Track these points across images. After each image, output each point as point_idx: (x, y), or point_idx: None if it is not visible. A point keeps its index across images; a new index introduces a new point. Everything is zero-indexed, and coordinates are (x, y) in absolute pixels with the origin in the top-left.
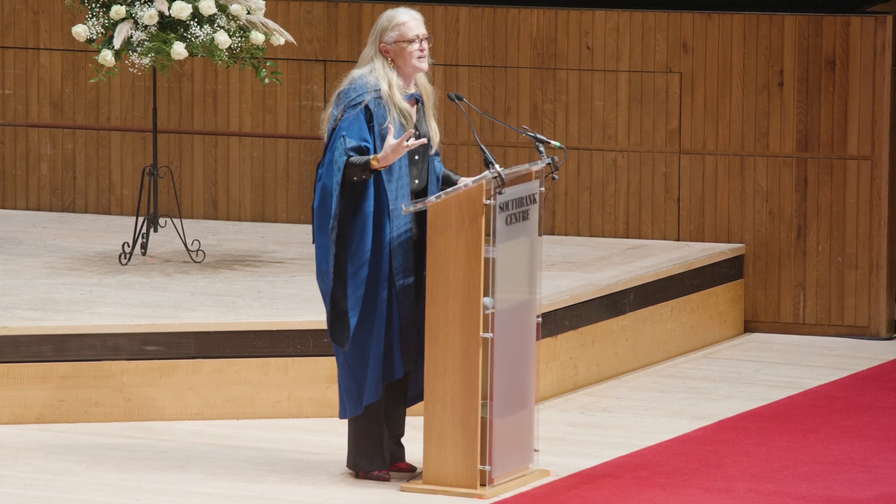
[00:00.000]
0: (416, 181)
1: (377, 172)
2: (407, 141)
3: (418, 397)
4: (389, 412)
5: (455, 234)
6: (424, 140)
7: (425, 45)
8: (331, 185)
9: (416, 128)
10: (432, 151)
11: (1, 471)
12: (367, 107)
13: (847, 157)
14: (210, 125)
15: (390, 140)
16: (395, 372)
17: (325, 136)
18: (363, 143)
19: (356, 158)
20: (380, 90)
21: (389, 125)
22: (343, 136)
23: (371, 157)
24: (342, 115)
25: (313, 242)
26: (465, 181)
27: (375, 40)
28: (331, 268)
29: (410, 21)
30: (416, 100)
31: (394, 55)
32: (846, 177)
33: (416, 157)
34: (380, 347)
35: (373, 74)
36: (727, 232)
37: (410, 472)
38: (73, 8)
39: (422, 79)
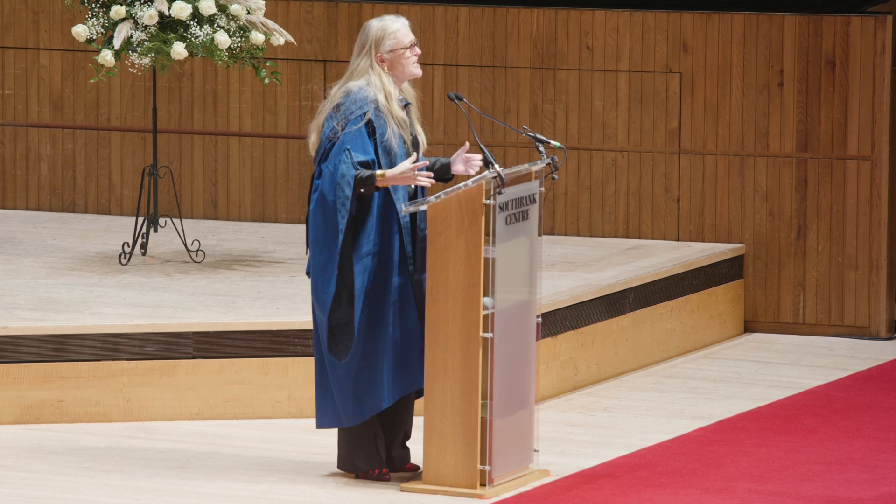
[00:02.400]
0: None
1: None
2: (417, 173)
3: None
4: (397, 413)
5: (455, 234)
6: (431, 177)
7: (417, 50)
8: (334, 199)
9: (410, 134)
10: (422, 154)
11: (1, 471)
12: (369, 120)
13: (847, 157)
14: (210, 125)
15: (405, 164)
16: (417, 381)
17: (316, 146)
18: (369, 158)
19: (362, 173)
20: (378, 102)
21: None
22: (348, 150)
23: (377, 173)
24: (343, 128)
25: (307, 252)
26: (461, 163)
27: (370, 51)
28: (334, 280)
29: (403, 28)
30: (406, 105)
31: (390, 64)
32: (846, 177)
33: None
34: (389, 351)
35: (370, 87)
36: (727, 232)
37: (415, 472)
38: (73, 8)
39: (405, 84)
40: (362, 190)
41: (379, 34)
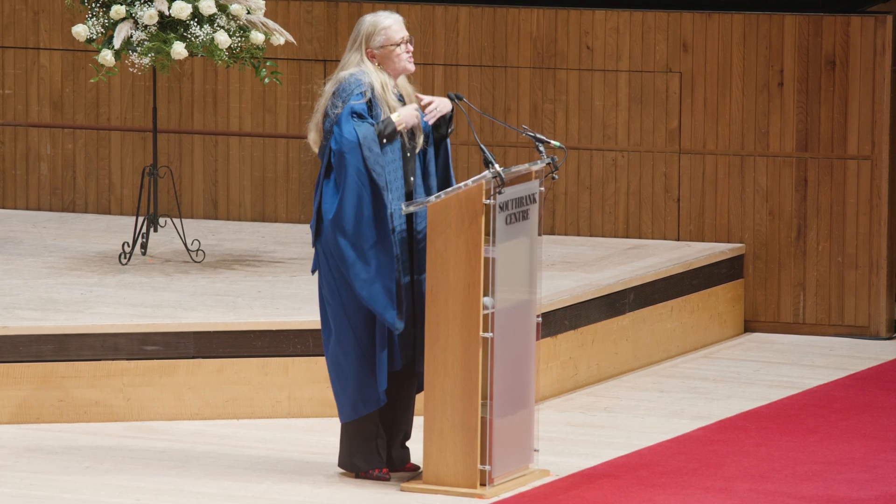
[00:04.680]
0: (412, 178)
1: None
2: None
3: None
4: (397, 413)
5: (455, 233)
6: (447, 109)
7: (410, 46)
8: (364, 162)
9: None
10: (418, 150)
11: (1, 471)
12: (369, 100)
13: (847, 157)
14: (210, 125)
15: (411, 105)
16: (395, 363)
17: (318, 144)
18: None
19: (379, 125)
20: (373, 88)
21: (417, 94)
22: (356, 113)
23: (392, 116)
24: (342, 110)
25: (314, 245)
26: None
27: (360, 46)
28: (389, 234)
29: (395, 24)
30: (399, 97)
31: (381, 59)
32: (846, 177)
33: (409, 155)
34: (384, 335)
35: (363, 74)
36: (727, 232)
37: (415, 472)
38: (73, 8)
39: (401, 80)
40: (385, 140)
41: (370, 29)
